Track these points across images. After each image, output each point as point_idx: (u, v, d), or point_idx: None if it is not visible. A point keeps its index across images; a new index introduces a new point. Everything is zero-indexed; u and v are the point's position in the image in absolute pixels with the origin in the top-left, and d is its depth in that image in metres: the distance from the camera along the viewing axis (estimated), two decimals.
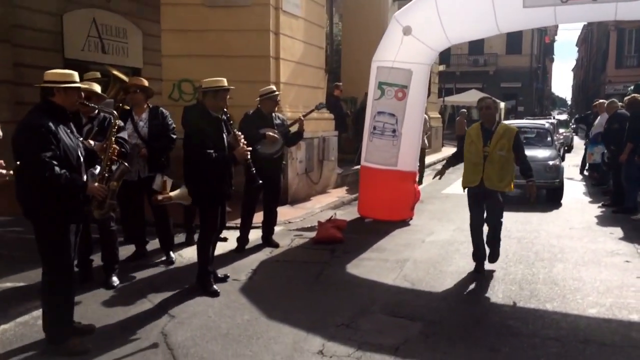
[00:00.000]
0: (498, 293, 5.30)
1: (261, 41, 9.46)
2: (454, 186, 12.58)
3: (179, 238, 6.86)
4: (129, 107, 5.98)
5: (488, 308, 4.96)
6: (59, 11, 12.97)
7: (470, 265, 6.12)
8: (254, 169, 5.24)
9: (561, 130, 20.91)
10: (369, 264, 6.27)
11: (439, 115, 23.72)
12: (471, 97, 32.91)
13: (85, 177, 3.88)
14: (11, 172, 3.71)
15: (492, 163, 5.87)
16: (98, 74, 7.07)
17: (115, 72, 6.38)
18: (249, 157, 5.16)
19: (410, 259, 6.45)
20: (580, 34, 73.26)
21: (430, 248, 7.02)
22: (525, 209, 9.08)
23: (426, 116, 11.72)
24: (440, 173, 6.52)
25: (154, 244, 6.37)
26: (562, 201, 10.31)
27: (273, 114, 6.69)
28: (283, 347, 4.07)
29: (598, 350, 4.06)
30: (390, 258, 6.50)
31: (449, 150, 20.98)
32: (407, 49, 8.19)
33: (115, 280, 5.34)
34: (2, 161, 3.98)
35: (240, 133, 5.25)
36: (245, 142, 5.17)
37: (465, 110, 21.64)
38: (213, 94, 5.21)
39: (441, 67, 24.95)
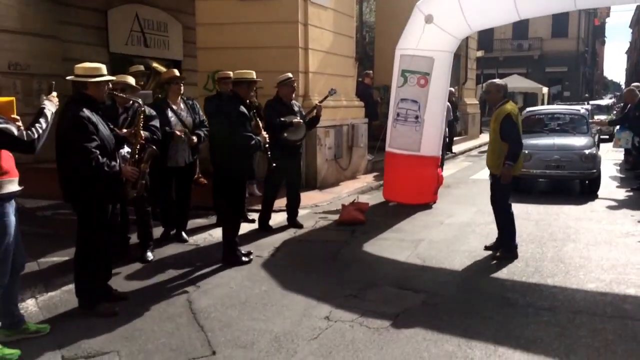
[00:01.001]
0: (503, 269, 5.58)
1: (290, 32, 9.83)
2: (483, 172, 12.72)
3: (210, 220, 7.39)
4: (161, 97, 6.47)
5: (490, 282, 5.25)
6: (103, 7, 13.72)
7: (482, 244, 6.39)
8: (269, 152, 5.68)
9: (601, 117, 17.98)
10: (385, 243, 6.63)
11: (477, 102, 23.58)
12: (513, 82, 32.43)
13: (118, 162, 4.37)
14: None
15: (490, 144, 6.13)
16: (142, 67, 7.65)
17: (155, 65, 6.91)
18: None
19: (426, 239, 6.76)
20: (633, 15, 70.46)
21: (447, 229, 7.31)
22: (552, 198, 9.20)
23: (448, 104, 11.87)
24: None
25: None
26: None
27: (292, 102, 7.08)
28: (294, 313, 4.49)
29: (588, 319, 4.32)
30: (406, 238, 6.84)
31: (487, 137, 20.98)
32: (428, 37, 8.42)
33: (149, 255, 5.88)
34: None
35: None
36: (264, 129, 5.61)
37: None
38: (247, 85, 5.67)
39: (479, 53, 24.78)
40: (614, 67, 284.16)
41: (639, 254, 6.01)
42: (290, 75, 7.14)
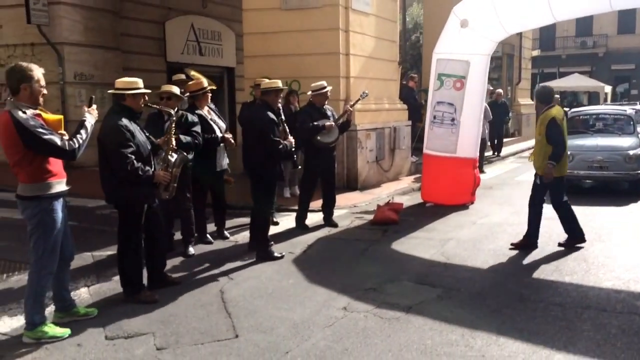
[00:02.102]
0: (523, 267, 5.74)
1: (331, 39, 10.21)
2: (530, 173, 12.64)
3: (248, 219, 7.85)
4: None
5: (507, 279, 5.44)
6: (161, 19, 14.58)
7: (509, 243, 6.55)
8: (295, 156, 6.12)
9: None
10: (414, 242, 6.88)
11: (532, 102, 23.16)
12: (573, 81, 31.57)
13: (153, 166, 4.87)
14: None
15: (536, 146, 6.50)
16: (183, 76, 8.18)
17: (193, 73, 7.43)
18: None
19: (454, 238, 6.97)
20: None
21: (478, 229, 7.48)
22: (594, 199, 9.15)
23: (486, 105, 11.91)
24: None
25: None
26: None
27: (325, 107, 7.44)
28: (314, 303, 4.85)
29: (595, 314, 4.46)
30: (435, 237, 7.07)
31: None
32: (464, 40, 8.61)
33: (191, 250, 6.39)
34: None
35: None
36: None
37: (558, 97, 21.04)
38: (275, 93, 6.11)
39: (535, 53, 24.42)
40: None
41: None
42: (324, 83, 7.49)
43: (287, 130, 6.04)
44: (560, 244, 6.46)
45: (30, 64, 4.00)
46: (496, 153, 15.91)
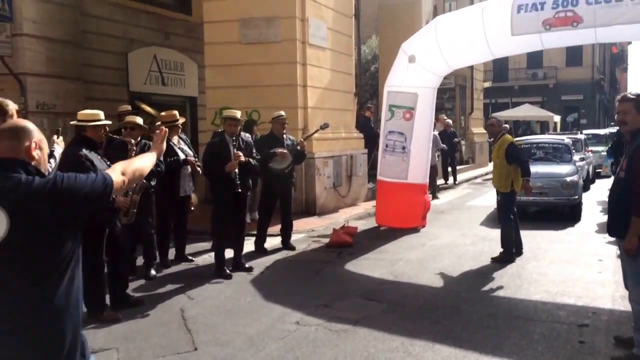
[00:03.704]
0: (463, 284, 6.23)
1: (289, 72, 10.73)
2: (481, 198, 13.39)
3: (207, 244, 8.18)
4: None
5: (447, 294, 5.92)
6: (124, 50, 14.87)
7: (454, 263, 7.06)
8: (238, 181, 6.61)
9: (597, 148, 17.33)
10: (366, 262, 7.33)
11: (485, 131, 24.18)
12: (524, 111, 33.05)
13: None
14: None
15: (495, 168, 7.44)
16: (129, 107, 8.48)
17: (143, 106, 7.80)
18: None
19: (404, 259, 7.45)
20: None
21: (426, 250, 7.98)
22: (536, 223, 9.81)
23: (436, 134, 12.62)
24: None
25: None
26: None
27: (284, 136, 7.89)
28: (270, 319, 5.21)
29: (522, 323, 4.96)
30: (387, 258, 7.53)
31: None
32: (412, 74, 9.23)
33: (153, 272, 6.67)
34: None
35: (239, 152, 6.54)
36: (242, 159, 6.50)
37: (507, 126, 21.98)
38: (228, 122, 6.57)
39: (486, 84, 25.55)
40: None
41: (593, 270, 6.61)
42: (282, 113, 7.96)
43: (235, 155, 6.50)
44: (493, 259, 7.11)
45: (5, 99, 4.31)
46: (450, 181, 16.47)
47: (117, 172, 2.32)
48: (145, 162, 2.55)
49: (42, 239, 2.08)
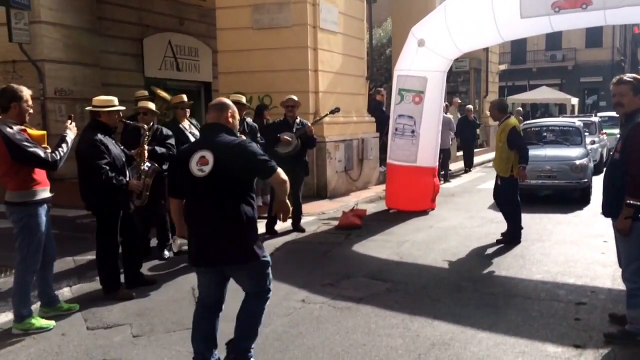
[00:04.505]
0: (466, 264, 6.37)
1: (301, 57, 10.85)
2: (493, 182, 13.37)
3: None
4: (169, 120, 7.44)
5: (451, 273, 6.07)
6: (139, 36, 15.10)
7: (460, 244, 7.19)
8: None
9: (613, 131, 16.79)
10: (373, 244, 7.49)
11: None
12: (542, 94, 32.69)
13: (127, 176, 5.40)
14: None
15: (497, 150, 7.46)
16: (146, 92, 8.69)
17: (159, 91, 7.98)
18: None
19: (410, 240, 7.59)
20: None
21: (434, 232, 8.11)
22: (545, 206, 9.85)
23: (451, 117, 12.63)
24: None
25: None
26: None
27: (297, 120, 8.03)
28: (276, 297, 5.36)
29: (521, 301, 5.10)
30: (393, 239, 7.68)
31: None
32: (421, 58, 9.30)
33: (166, 253, 6.91)
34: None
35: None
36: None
37: (520, 109, 21.90)
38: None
39: (502, 66, 25.36)
40: None
41: (597, 251, 6.69)
42: (292, 97, 8.10)
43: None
44: (498, 240, 7.24)
45: (20, 86, 4.52)
46: (467, 168, 16.42)
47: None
48: None
49: (229, 174, 3.45)
